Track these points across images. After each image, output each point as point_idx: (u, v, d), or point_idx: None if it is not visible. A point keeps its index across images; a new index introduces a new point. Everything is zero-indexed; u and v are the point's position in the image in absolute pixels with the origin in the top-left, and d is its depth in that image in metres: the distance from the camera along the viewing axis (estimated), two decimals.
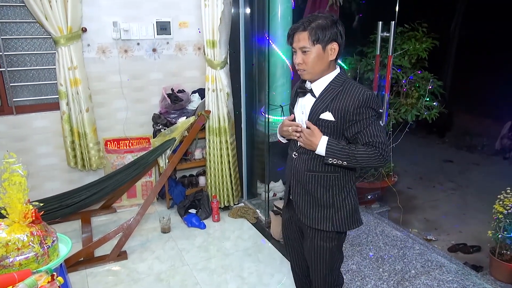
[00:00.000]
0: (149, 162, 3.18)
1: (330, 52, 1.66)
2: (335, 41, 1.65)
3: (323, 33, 1.62)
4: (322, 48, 1.64)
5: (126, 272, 2.77)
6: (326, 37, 1.63)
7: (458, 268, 2.68)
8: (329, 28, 1.63)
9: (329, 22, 1.64)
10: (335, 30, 1.64)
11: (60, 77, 3.10)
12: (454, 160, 5.84)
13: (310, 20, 1.65)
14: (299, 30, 1.65)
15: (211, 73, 3.26)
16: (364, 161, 1.61)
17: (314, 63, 1.66)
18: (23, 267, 1.80)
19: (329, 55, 1.66)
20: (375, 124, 1.62)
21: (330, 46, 1.65)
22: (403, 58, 3.65)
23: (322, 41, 1.63)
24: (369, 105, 1.60)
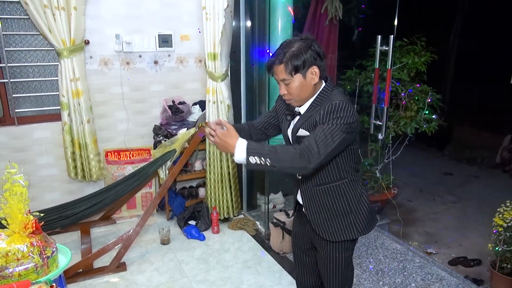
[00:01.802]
0: (150, 173, 3.19)
1: (312, 76, 1.61)
2: (314, 65, 1.60)
3: (299, 61, 1.58)
4: (302, 76, 1.60)
5: (125, 284, 2.76)
6: (303, 64, 1.58)
7: (458, 281, 2.67)
8: (304, 53, 1.58)
9: (303, 47, 1.58)
10: (310, 53, 1.59)
11: (62, 89, 3.13)
12: (454, 173, 5.84)
13: (284, 50, 1.60)
14: (276, 64, 1.61)
15: (212, 85, 3.29)
16: (285, 159, 1.49)
17: (298, 91, 1.63)
18: (22, 277, 1.80)
19: (311, 80, 1.62)
20: (328, 129, 1.52)
21: (310, 71, 1.60)
22: (402, 72, 3.69)
23: (300, 70, 1.59)
24: (334, 113, 1.54)
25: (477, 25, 6.72)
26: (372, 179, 4.02)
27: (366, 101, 4.03)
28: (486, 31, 6.59)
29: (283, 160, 1.49)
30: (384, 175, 3.98)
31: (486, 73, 6.88)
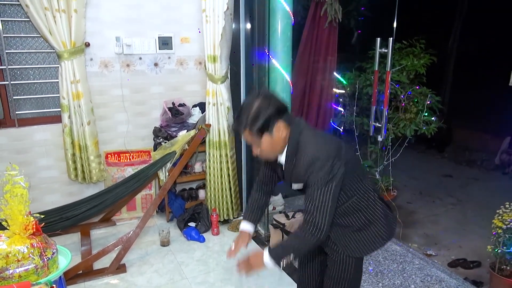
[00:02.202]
0: (150, 175, 3.19)
1: (278, 132, 1.59)
2: (277, 120, 1.57)
3: (262, 123, 1.55)
4: (269, 135, 1.58)
5: (124, 285, 2.76)
6: (267, 124, 1.56)
7: (458, 283, 2.67)
8: (264, 113, 1.54)
9: (262, 107, 1.54)
10: (271, 110, 1.55)
11: (63, 91, 3.14)
12: (454, 175, 5.85)
13: (245, 115, 1.57)
14: (241, 131, 1.61)
15: (212, 88, 3.30)
16: (302, 246, 1.59)
17: (270, 149, 1.62)
18: (22, 279, 1.80)
19: (279, 135, 1.60)
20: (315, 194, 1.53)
21: (276, 128, 1.57)
22: (401, 74, 3.70)
23: (265, 130, 1.57)
24: (312, 169, 1.53)
25: (476, 27, 6.74)
26: (371, 181, 4.03)
27: (365, 103, 4.04)
28: (485, 33, 6.61)
29: (301, 249, 1.61)
30: (383, 177, 3.99)
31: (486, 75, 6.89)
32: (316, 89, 4.14)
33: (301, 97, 4.19)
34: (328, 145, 1.58)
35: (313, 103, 4.17)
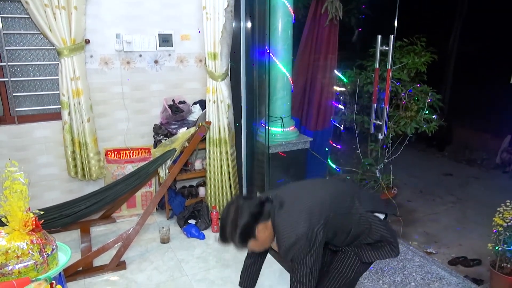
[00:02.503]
0: (150, 173, 3.19)
1: (262, 233, 1.64)
2: (257, 224, 1.62)
3: (242, 235, 1.60)
4: (254, 239, 1.63)
5: (124, 282, 2.76)
6: (247, 234, 1.61)
7: (458, 281, 2.67)
8: (240, 226, 1.59)
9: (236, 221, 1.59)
10: (245, 221, 1.59)
11: (63, 88, 3.13)
12: (454, 174, 5.84)
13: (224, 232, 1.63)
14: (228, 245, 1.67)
15: (212, 85, 3.29)
16: None
17: (261, 247, 1.70)
18: (22, 275, 1.80)
19: (264, 234, 1.65)
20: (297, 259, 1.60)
21: (257, 231, 1.62)
22: (402, 72, 3.69)
23: (248, 238, 1.62)
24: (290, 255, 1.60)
25: (477, 26, 6.73)
26: (372, 179, 4.02)
27: (366, 101, 4.04)
28: (486, 33, 6.60)
29: None
30: (384, 175, 3.98)
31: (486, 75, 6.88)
32: (316, 87, 4.13)
33: (302, 95, 4.19)
34: (303, 221, 1.60)
35: (314, 101, 4.17)
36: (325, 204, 1.66)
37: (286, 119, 3.85)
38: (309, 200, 1.68)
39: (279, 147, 3.80)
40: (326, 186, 1.81)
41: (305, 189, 1.78)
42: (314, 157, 4.14)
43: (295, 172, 4.09)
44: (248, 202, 1.63)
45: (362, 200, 1.77)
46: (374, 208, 1.78)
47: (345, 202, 1.73)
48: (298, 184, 1.87)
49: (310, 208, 1.63)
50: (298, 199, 1.70)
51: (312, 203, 1.66)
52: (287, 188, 1.85)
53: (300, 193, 1.75)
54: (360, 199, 1.76)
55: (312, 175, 4.29)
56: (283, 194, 1.74)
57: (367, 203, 1.77)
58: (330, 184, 1.84)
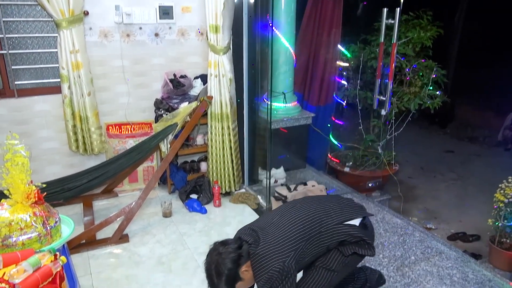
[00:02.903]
0: (151, 147, 3.18)
1: (245, 274, 1.68)
2: (240, 267, 1.67)
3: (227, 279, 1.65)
4: (241, 280, 1.68)
5: (127, 255, 2.79)
6: (232, 279, 1.66)
7: (457, 255, 2.69)
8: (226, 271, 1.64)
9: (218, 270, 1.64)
10: (229, 266, 1.64)
11: (62, 61, 3.09)
12: (456, 151, 5.84)
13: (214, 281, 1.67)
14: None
15: (214, 59, 3.24)
16: None
17: (249, 285, 1.75)
18: (26, 246, 1.81)
19: (247, 275, 1.69)
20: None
21: (241, 273, 1.67)
22: (407, 47, 3.63)
23: (235, 281, 1.67)
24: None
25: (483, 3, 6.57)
26: (373, 156, 4.02)
27: (369, 76, 3.98)
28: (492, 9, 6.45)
29: None
30: (386, 152, 3.98)
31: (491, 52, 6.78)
32: (319, 61, 4.06)
33: (304, 70, 4.12)
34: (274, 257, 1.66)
35: (317, 76, 4.11)
36: (293, 234, 1.73)
37: (289, 95, 3.81)
38: (278, 233, 1.74)
39: (281, 122, 3.77)
40: (294, 214, 1.84)
41: (274, 222, 1.82)
42: (316, 133, 4.13)
43: (296, 148, 4.08)
44: (227, 248, 1.69)
45: (332, 214, 1.82)
46: (345, 218, 1.83)
47: (314, 224, 1.78)
48: (267, 216, 1.92)
49: (279, 242, 1.71)
50: (268, 232, 1.76)
51: (282, 236, 1.73)
52: (257, 222, 1.90)
53: (270, 225, 1.80)
54: (329, 215, 1.82)
55: (313, 151, 4.29)
56: (255, 228, 1.80)
57: (337, 215, 1.82)
58: (298, 210, 1.86)
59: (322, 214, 1.81)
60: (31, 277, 1.60)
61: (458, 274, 2.49)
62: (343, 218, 1.82)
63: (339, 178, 4.11)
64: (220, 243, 1.74)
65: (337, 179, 4.08)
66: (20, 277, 1.58)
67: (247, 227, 1.85)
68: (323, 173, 4.24)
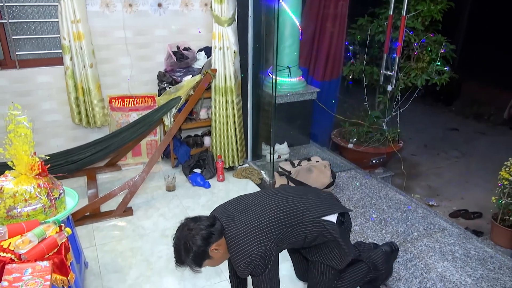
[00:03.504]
0: (154, 121, 3.15)
1: (216, 252, 1.64)
2: (209, 246, 1.60)
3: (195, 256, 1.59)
4: (210, 259, 1.63)
5: (132, 227, 2.81)
6: (202, 255, 1.60)
7: (460, 232, 2.70)
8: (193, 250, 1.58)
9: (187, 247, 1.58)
10: (199, 243, 1.58)
11: (63, 31, 3.02)
12: (460, 129, 5.80)
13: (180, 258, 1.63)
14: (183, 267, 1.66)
15: (218, 30, 3.16)
16: None
17: (218, 264, 1.71)
18: (31, 217, 1.82)
19: (218, 253, 1.65)
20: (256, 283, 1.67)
21: (211, 250, 1.62)
22: (416, 20, 3.53)
23: (203, 259, 1.62)
24: (246, 274, 1.65)
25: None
26: (378, 132, 3.98)
27: (376, 51, 3.90)
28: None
29: None
30: (390, 129, 3.94)
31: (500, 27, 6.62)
32: (326, 35, 3.97)
33: (310, 43, 4.04)
34: (254, 239, 1.63)
35: (322, 50, 4.03)
36: (275, 219, 1.69)
37: (294, 69, 3.75)
38: (258, 216, 1.70)
39: (286, 97, 3.73)
40: (274, 200, 1.80)
41: (254, 204, 1.77)
42: (320, 109, 4.08)
43: (301, 123, 4.05)
44: (198, 224, 1.63)
45: (311, 207, 1.79)
46: (324, 213, 1.80)
47: (295, 214, 1.75)
48: (245, 198, 1.85)
49: (260, 226, 1.66)
50: (247, 214, 1.71)
51: (262, 219, 1.68)
52: (235, 203, 1.82)
53: (249, 208, 1.75)
54: (309, 207, 1.79)
55: (318, 126, 4.26)
56: (232, 209, 1.75)
57: (316, 209, 1.80)
58: (278, 197, 1.83)
59: (304, 205, 1.79)
60: (36, 248, 1.62)
61: (460, 251, 2.50)
62: (322, 213, 1.80)
63: (342, 155, 4.09)
64: (191, 219, 1.68)
65: (340, 155, 4.07)
66: (25, 247, 1.60)
67: (224, 207, 1.80)
68: (327, 149, 4.22)
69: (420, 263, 2.39)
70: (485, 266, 2.37)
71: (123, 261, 2.47)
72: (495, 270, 2.34)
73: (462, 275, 2.29)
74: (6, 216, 1.78)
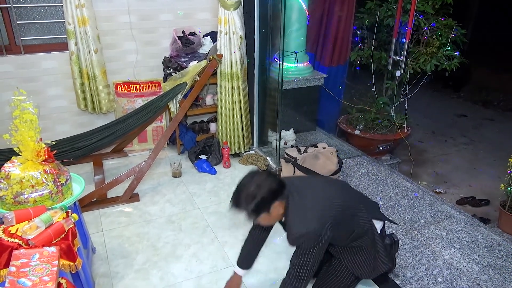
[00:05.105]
0: (160, 107, 3.14)
1: (276, 210, 1.64)
2: (274, 201, 1.61)
3: (257, 207, 1.58)
4: (267, 214, 1.62)
5: (138, 213, 2.83)
6: (264, 206, 1.60)
7: (467, 219, 2.68)
8: (258, 198, 1.57)
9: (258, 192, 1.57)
10: (266, 195, 1.58)
11: (68, 15, 2.99)
12: (468, 115, 5.73)
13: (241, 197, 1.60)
14: (238, 211, 1.64)
15: (224, 15, 3.11)
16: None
17: (268, 222, 1.72)
18: (38, 203, 1.82)
19: (277, 212, 1.65)
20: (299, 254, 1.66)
21: (273, 206, 1.62)
22: (427, 4, 3.45)
23: (261, 211, 1.61)
24: (298, 243, 1.65)
25: None
26: (385, 118, 3.94)
27: (384, 36, 3.83)
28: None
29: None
30: (398, 115, 3.89)
31: None
32: (333, 19, 3.90)
33: (318, 28, 3.97)
34: (316, 215, 1.65)
35: (330, 35, 3.96)
36: (337, 204, 1.73)
37: (300, 54, 3.70)
38: (323, 196, 1.74)
39: (292, 83, 3.69)
40: (338, 187, 1.89)
41: (321, 185, 1.84)
42: (327, 95, 4.04)
43: (307, 109, 4.01)
44: (271, 178, 1.64)
45: (367, 206, 1.87)
46: (375, 215, 1.87)
47: (354, 205, 1.81)
48: (314, 178, 1.98)
49: (323, 205, 1.70)
50: (313, 192, 1.75)
51: (326, 200, 1.72)
52: (305, 179, 1.92)
53: (316, 187, 1.80)
54: (366, 205, 1.86)
55: (325, 113, 4.22)
56: (300, 183, 1.79)
57: (371, 210, 1.87)
58: (342, 185, 1.93)
59: (361, 201, 1.87)
60: (43, 233, 1.62)
61: (467, 238, 2.49)
62: (374, 215, 1.87)
63: (349, 141, 4.06)
64: (267, 171, 1.70)
65: (347, 142, 4.04)
66: (33, 233, 1.60)
67: (289, 179, 1.82)
68: (333, 135, 4.19)
69: (427, 251, 2.38)
70: (492, 253, 2.36)
71: (130, 246, 2.49)
72: (502, 257, 2.33)
73: (469, 263, 2.27)
74: (13, 202, 1.79)
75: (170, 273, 2.28)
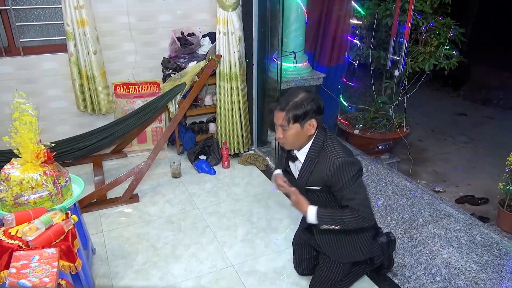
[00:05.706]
0: (159, 107, 3.15)
1: (309, 128, 1.72)
2: (313, 118, 1.70)
3: (300, 112, 1.67)
4: (300, 126, 1.70)
5: (138, 214, 2.84)
6: (304, 116, 1.68)
7: (465, 218, 2.69)
8: (305, 106, 1.67)
9: (306, 99, 1.68)
10: (311, 106, 1.68)
11: (67, 17, 3.00)
12: (468, 114, 5.74)
13: (287, 99, 1.69)
14: (277, 110, 1.71)
15: (223, 15, 3.12)
16: (352, 223, 1.72)
17: (293, 139, 1.74)
18: (38, 205, 1.83)
19: (308, 131, 1.73)
20: (351, 187, 1.70)
21: (309, 123, 1.70)
22: (425, 3, 3.46)
23: (299, 120, 1.69)
24: (341, 172, 1.68)
25: None
26: (384, 117, 3.95)
27: (383, 35, 3.84)
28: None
29: (349, 225, 1.74)
30: (397, 114, 3.90)
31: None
32: (332, 19, 3.91)
33: (316, 27, 3.98)
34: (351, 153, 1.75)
35: (328, 34, 3.97)
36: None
37: (299, 54, 3.70)
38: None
39: (291, 83, 3.69)
40: None
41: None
42: (326, 94, 4.05)
43: None
44: (318, 98, 1.74)
45: None
46: None
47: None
48: None
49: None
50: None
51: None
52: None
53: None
54: None
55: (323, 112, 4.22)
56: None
57: None
58: None
59: None
60: (43, 235, 1.63)
61: (466, 237, 2.50)
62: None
63: (348, 140, 4.07)
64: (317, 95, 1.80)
65: (346, 141, 4.05)
66: (32, 234, 1.61)
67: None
68: None
69: (425, 250, 2.39)
70: (490, 252, 2.37)
71: (130, 247, 2.50)
72: (500, 256, 2.34)
73: (468, 261, 2.28)
74: (13, 203, 1.80)
75: (170, 273, 2.29)
